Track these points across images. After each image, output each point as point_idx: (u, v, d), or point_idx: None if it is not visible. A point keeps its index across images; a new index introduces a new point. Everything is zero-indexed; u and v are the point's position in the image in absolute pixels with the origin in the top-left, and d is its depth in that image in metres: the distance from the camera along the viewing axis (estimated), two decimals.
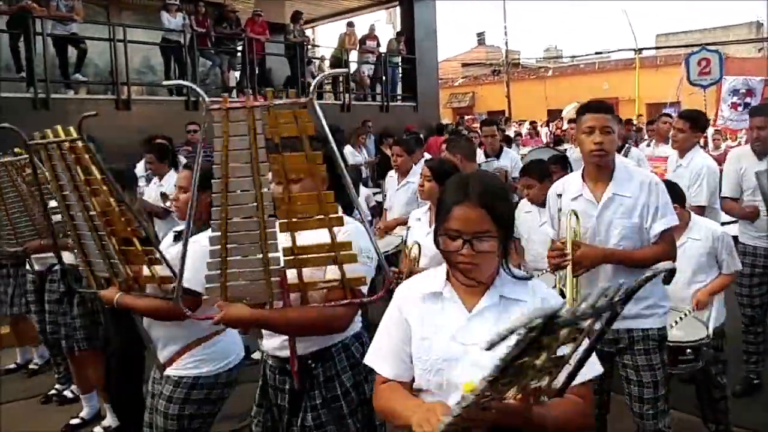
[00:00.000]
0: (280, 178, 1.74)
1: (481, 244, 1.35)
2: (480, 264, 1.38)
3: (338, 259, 1.75)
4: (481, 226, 1.35)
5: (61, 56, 8.88)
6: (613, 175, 2.41)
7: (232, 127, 1.66)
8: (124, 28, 9.55)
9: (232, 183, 1.73)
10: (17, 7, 8.15)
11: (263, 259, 1.78)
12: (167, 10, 9.83)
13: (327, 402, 1.94)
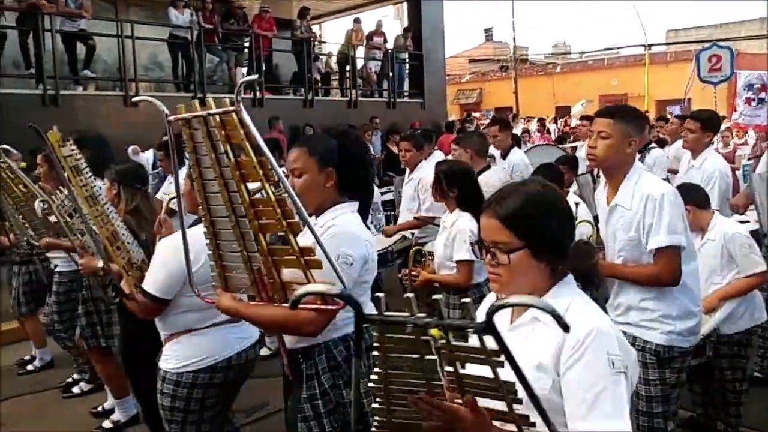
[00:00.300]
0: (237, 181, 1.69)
1: (500, 256, 1.30)
2: (502, 276, 1.33)
3: (305, 264, 1.69)
4: (497, 237, 1.31)
5: (70, 53, 8.95)
6: (621, 184, 2.33)
7: (194, 134, 1.69)
8: (132, 24, 9.61)
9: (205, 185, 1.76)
10: (27, 4, 8.15)
11: (242, 256, 1.80)
12: (175, 7, 9.88)
13: (308, 398, 1.96)
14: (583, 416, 1.13)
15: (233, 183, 1.67)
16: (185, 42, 9.93)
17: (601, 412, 1.11)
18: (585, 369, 1.15)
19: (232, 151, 1.64)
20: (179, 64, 10.20)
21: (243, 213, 1.71)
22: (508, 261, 1.28)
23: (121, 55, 9.30)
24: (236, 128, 1.57)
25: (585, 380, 1.15)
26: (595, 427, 1.10)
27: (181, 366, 2.33)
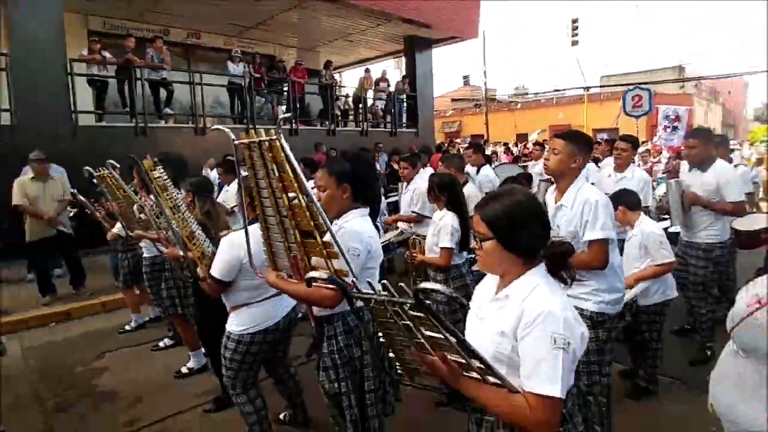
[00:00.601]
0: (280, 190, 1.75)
1: (484, 243, 1.33)
2: (481, 257, 1.36)
3: (327, 254, 1.74)
4: (478, 228, 1.33)
5: (155, 95, 9.08)
6: (566, 190, 2.31)
7: (252, 155, 1.75)
8: (200, 74, 9.71)
9: (260, 192, 1.83)
10: (123, 60, 8.33)
11: (283, 245, 1.88)
12: (232, 61, 10.02)
13: (328, 353, 1.99)
14: (528, 377, 1.17)
15: (278, 192, 1.75)
16: (240, 87, 10.02)
17: (540, 377, 1.14)
18: (533, 342, 1.17)
19: (276, 168, 1.69)
20: (235, 103, 10.30)
21: (284, 214, 1.78)
22: (480, 247, 1.32)
23: (192, 97, 9.40)
24: (279, 151, 1.66)
25: (531, 351, 1.17)
26: (534, 387, 1.14)
27: (242, 329, 2.39)
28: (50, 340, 4.53)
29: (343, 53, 15.00)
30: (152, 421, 2.96)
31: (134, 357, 4.04)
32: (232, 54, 10.22)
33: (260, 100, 10.76)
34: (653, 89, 14.03)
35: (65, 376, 3.72)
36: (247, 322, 2.40)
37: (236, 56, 10.09)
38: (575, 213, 2.23)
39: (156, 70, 8.85)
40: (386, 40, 13.77)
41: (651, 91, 10.76)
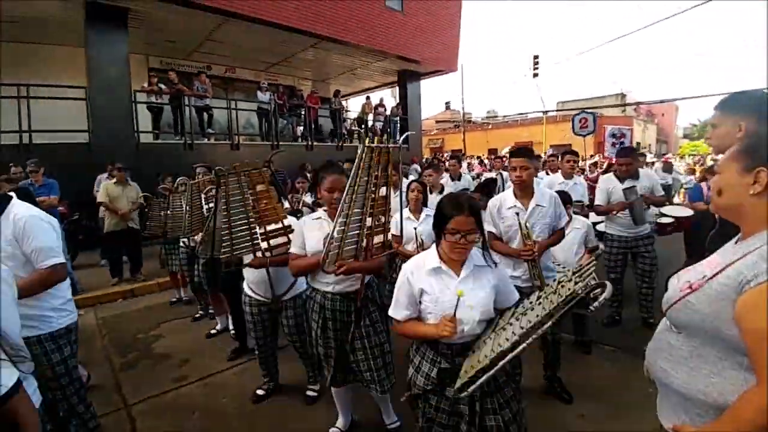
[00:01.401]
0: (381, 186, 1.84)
1: (471, 236, 1.39)
2: (468, 247, 1.42)
3: (384, 231, 1.90)
4: (471, 226, 1.39)
5: (200, 118, 9.05)
6: (533, 193, 2.35)
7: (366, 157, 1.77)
8: (235, 101, 9.69)
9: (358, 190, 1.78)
10: (175, 90, 8.35)
11: (361, 231, 1.83)
12: (261, 90, 9.97)
13: (375, 309, 2.04)
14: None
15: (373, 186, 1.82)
16: (267, 111, 9.97)
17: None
18: (506, 288, 1.54)
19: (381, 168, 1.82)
20: (263, 124, 10.22)
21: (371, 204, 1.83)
22: (476, 239, 1.43)
23: (228, 119, 9.39)
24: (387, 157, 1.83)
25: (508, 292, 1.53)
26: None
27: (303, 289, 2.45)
28: (118, 312, 4.58)
29: (349, 84, 14.91)
30: (197, 378, 3.00)
31: (181, 326, 4.08)
32: (260, 85, 10.17)
33: (282, 122, 10.72)
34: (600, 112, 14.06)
35: (129, 341, 3.76)
36: (302, 285, 2.46)
37: (264, 87, 10.05)
38: (548, 208, 2.35)
39: (200, 99, 8.84)
40: (383, 74, 13.70)
41: (595, 114, 10.71)
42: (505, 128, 28.93)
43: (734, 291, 0.84)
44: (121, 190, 5.19)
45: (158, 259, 4.93)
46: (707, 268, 0.95)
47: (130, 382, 3.00)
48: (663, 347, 1.02)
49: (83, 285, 5.00)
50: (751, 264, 0.83)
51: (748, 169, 0.90)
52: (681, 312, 0.96)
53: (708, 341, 0.92)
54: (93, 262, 5.96)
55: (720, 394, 0.88)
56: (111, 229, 5.16)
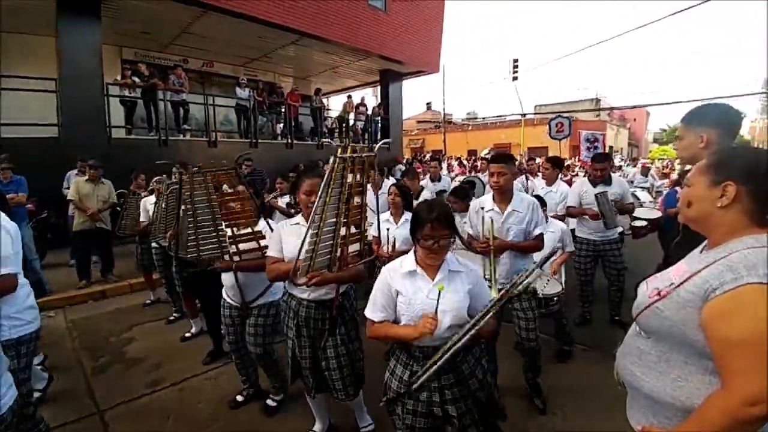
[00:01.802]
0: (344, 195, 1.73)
1: (444, 242, 1.44)
2: (442, 253, 1.48)
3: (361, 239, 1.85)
4: (444, 232, 1.43)
5: (175, 114, 8.77)
6: (512, 198, 2.39)
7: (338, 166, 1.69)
8: (213, 96, 9.45)
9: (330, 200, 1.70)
10: (150, 84, 8.05)
11: (334, 241, 1.75)
12: (239, 86, 9.75)
13: (349, 319, 2.02)
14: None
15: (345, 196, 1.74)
16: (245, 108, 9.76)
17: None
18: (484, 293, 1.56)
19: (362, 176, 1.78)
20: (241, 121, 10.00)
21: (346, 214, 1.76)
22: (449, 244, 1.48)
23: (206, 115, 9.14)
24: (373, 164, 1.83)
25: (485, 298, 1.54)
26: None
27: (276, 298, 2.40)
28: (88, 314, 4.40)
29: (330, 82, 14.78)
30: (172, 382, 2.92)
31: (155, 329, 3.97)
32: (239, 81, 9.93)
33: (262, 119, 10.51)
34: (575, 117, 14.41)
35: (101, 344, 3.63)
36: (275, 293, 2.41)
37: (243, 83, 9.83)
38: (525, 214, 2.36)
39: (176, 93, 8.56)
40: (365, 73, 13.65)
41: (570, 118, 10.94)
42: (484, 130, 29.35)
43: (700, 299, 0.89)
44: (92, 188, 4.99)
45: (132, 260, 4.78)
46: (674, 275, 1.00)
47: (103, 386, 2.90)
48: (633, 352, 1.06)
49: (52, 285, 4.80)
50: (717, 273, 0.88)
51: (715, 182, 0.95)
52: (650, 318, 1.00)
53: (675, 346, 0.96)
54: (63, 262, 5.70)
55: (687, 398, 0.92)
56: (79, 228, 4.95)
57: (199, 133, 9.49)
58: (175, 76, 8.56)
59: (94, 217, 4.93)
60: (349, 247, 1.82)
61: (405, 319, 1.49)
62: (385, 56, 11.79)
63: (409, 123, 30.30)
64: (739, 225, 0.93)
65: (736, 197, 0.92)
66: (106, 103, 7.38)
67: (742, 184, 0.92)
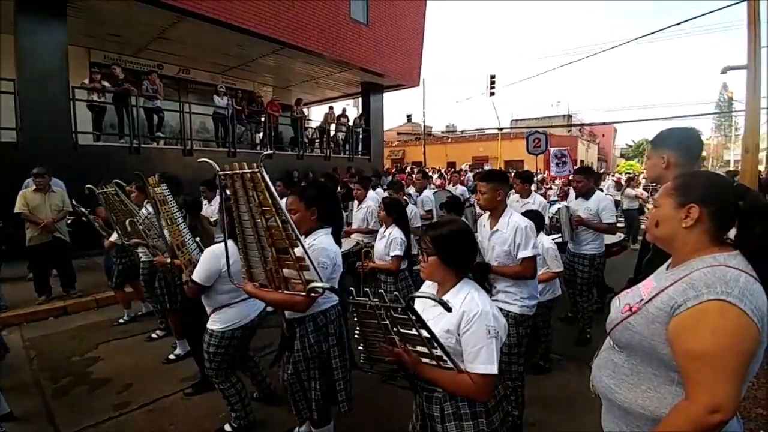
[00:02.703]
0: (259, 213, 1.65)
1: (428, 257, 1.40)
2: (425, 269, 1.43)
3: (299, 267, 1.66)
4: (426, 245, 1.41)
5: (149, 120, 8.57)
6: (500, 217, 2.35)
7: (235, 184, 1.67)
8: (189, 104, 9.32)
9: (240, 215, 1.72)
10: (121, 89, 7.84)
11: (260, 259, 1.76)
12: (218, 94, 9.66)
13: (300, 349, 1.92)
14: (471, 361, 1.27)
15: (256, 215, 1.66)
16: (223, 117, 9.66)
17: (481, 360, 1.25)
18: (473, 335, 1.26)
19: (256, 194, 1.61)
20: (219, 130, 9.88)
21: (262, 234, 1.69)
22: (427, 260, 1.40)
23: (181, 123, 8.99)
24: (259, 182, 1.58)
25: (472, 341, 1.26)
26: (477, 368, 1.25)
27: (224, 327, 2.30)
28: (48, 332, 4.18)
29: (311, 92, 14.84)
30: (141, 404, 2.81)
31: (126, 347, 3.80)
32: (217, 89, 9.83)
33: (240, 129, 10.42)
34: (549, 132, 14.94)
35: (62, 364, 3.45)
36: (229, 320, 2.31)
37: (221, 90, 9.74)
38: (509, 235, 2.26)
39: (150, 99, 8.38)
40: (347, 84, 13.78)
41: (546, 134, 11.38)
42: (463, 142, 30.00)
43: (667, 315, 0.97)
44: (42, 198, 4.70)
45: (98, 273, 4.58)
46: (644, 291, 1.08)
47: (64, 410, 2.75)
48: (607, 365, 1.13)
49: (7, 301, 4.54)
50: (681, 291, 0.96)
51: (681, 204, 1.04)
52: (622, 333, 1.06)
53: (645, 359, 1.04)
54: (20, 275, 5.41)
55: (656, 407, 1.00)
56: (34, 243, 4.66)
57: (173, 140, 9.28)
58: (148, 82, 8.39)
59: (48, 229, 4.67)
60: (281, 270, 1.73)
61: None
62: (367, 69, 11.97)
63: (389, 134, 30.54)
64: (701, 244, 1.02)
65: (699, 218, 1.02)
66: (71, 108, 7.10)
67: (704, 206, 1.01)
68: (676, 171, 1.45)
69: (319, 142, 13.01)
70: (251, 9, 8.67)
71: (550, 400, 2.79)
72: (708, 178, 1.07)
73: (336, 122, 12.89)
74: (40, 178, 4.72)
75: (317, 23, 10.20)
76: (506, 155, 24.00)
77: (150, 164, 7.36)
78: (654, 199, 1.16)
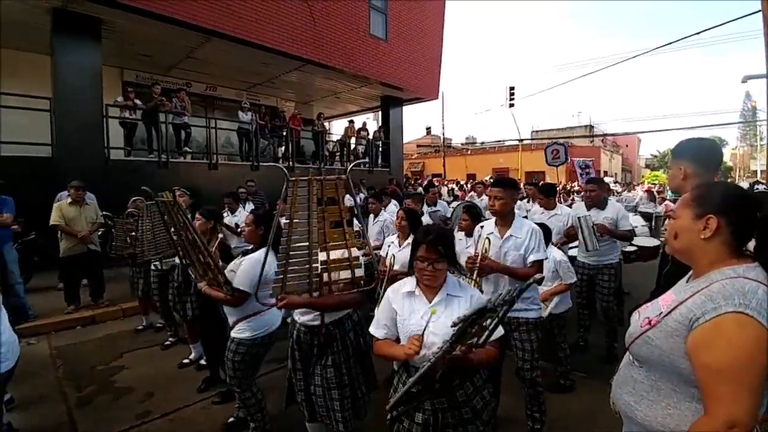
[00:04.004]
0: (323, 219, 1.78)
1: (439, 265, 1.50)
2: (436, 276, 1.52)
3: (351, 267, 1.81)
4: (436, 255, 1.49)
5: (177, 136, 8.93)
6: (512, 223, 2.39)
7: (299, 190, 1.76)
8: (215, 119, 9.66)
9: (295, 223, 1.77)
10: (151, 105, 8.22)
11: (309, 267, 1.80)
12: (242, 110, 9.98)
13: (342, 350, 1.98)
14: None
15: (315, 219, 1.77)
16: (247, 131, 9.95)
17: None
18: None
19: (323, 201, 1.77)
20: (243, 144, 10.18)
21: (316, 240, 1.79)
22: (442, 268, 1.52)
23: (208, 138, 9.33)
24: (333, 188, 1.79)
25: None
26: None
27: (254, 335, 2.32)
28: (76, 341, 4.33)
29: (332, 107, 15.15)
30: (162, 413, 2.86)
31: (148, 356, 3.90)
32: (242, 105, 10.19)
33: (264, 143, 10.71)
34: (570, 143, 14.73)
35: (87, 373, 3.55)
36: (259, 327, 2.34)
37: (245, 106, 10.06)
38: (524, 239, 2.33)
39: (178, 116, 8.75)
40: (367, 98, 14.01)
41: (566, 145, 11.16)
42: (483, 154, 29.84)
43: (686, 328, 0.94)
44: (78, 210, 4.92)
45: (125, 283, 4.73)
46: (663, 305, 1.05)
47: (87, 419, 2.83)
48: (627, 381, 1.10)
49: (37, 310, 4.72)
50: (699, 303, 0.93)
51: (699, 215, 1.02)
52: (641, 347, 1.04)
53: (665, 375, 1.00)
54: (51, 285, 5.66)
55: (677, 425, 0.96)
56: (68, 254, 4.85)
57: (200, 155, 9.62)
58: (177, 99, 8.78)
59: (85, 240, 4.88)
60: (336, 274, 1.82)
61: (403, 338, 1.55)
62: (386, 83, 12.17)
63: (409, 147, 30.71)
64: (720, 256, 0.99)
65: (718, 230, 0.99)
66: (104, 124, 7.50)
67: (722, 217, 0.98)
68: (694, 181, 1.43)
69: (339, 155, 13.20)
70: (275, 28, 9.00)
71: (574, 419, 2.68)
72: (726, 189, 1.04)
73: (356, 135, 13.08)
74: (78, 190, 4.97)
75: (338, 40, 10.47)
76: (527, 167, 23.68)
77: (177, 178, 7.62)
78: (673, 211, 1.13)
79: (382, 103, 14.00)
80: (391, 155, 13.84)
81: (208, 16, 7.85)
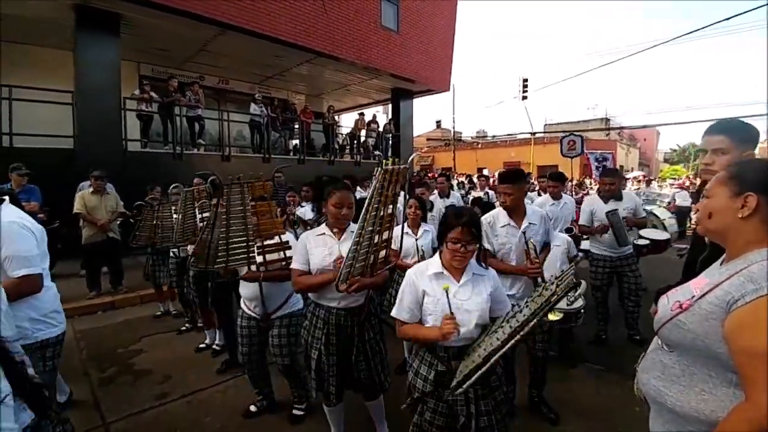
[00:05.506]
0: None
1: (471, 246, 1.54)
2: (467, 257, 1.56)
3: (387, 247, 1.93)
4: (470, 237, 1.53)
5: (191, 128, 9.01)
6: (526, 213, 2.43)
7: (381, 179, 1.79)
8: (228, 112, 9.72)
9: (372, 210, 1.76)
10: (169, 100, 8.32)
11: (369, 249, 1.81)
12: (254, 102, 10.02)
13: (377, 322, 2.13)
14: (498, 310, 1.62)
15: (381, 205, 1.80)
16: (259, 124, 9.99)
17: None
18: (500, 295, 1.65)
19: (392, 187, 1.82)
20: (255, 137, 10.23)
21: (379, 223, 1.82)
22: (474, 249, 1.58)
23: (220, 130, 9.39)
24: (403, 176, 1.89)
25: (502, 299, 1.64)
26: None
27: (301, 306, 2.50)
28: (97, 325, 4.44)
29: (342, 100, 15.11)
30: (179, 395, 2.92)
31: (166, 340, 3.98)
32: (254, 97, 10.22)
33: (275, 135, 10.74)
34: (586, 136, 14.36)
35: (109, 355, 3.65)
36: (298, 302, 2.51)
37: (257, 99, 10.10)
38: (539, 226, 2.46)
39: (192, 109, 8.82)
40: (377, 91, 13.93)
41: (582, 137, 10.97)
42: (494, 148, 29.42)
43: (723, 311, 0.89)
44: (99, 199, 5.03)
45: (142, 271, 4.81)
46: (695, 288, 1.00)
47: (110, 398, 2.90)
48: (655, 366, 1.06)
49: (61, 295, 4.81)
50: (738, 284, 0.88)
51: (737, 193, 0.97)
52: (672, 331, 1.00)
53: (699, 359, 0.96)
54: (73, 272, 5.80)
55: (712, 411, 0.92)
56: (90, 241, 4.98)
57: (213, 147, 9.71)
58: (191, 93, 8.84)
59: (104, 228, 5.00)
60: (378, 254, 1.89)
61: (432, 320, 1.56)
62: (397, 75, 12.06)
63: (419, 140, 30.46)
64: (758, 236, 0.94)
65: (757, 208, 0.94)
66: (122, 117, 7.63)
67: (762, 195, 0.93)
68: (730, 158, 1.34)
69: (349, 148, 13.17)
70: (287, 20, 8.98)
71: (586, 409, 2.64)
72: (766, 165, 0.99)
73: (366, 128, 13.03)
74: (100, 180, 5.09)
75: (349, 31, 10.39)
76: (539, 160, 23.33)
77: (192, 169, 7.69)
78: (706, 190, 1.08)
79: (393, 96, 13.91)
80: (401, 148, 13.72)
81: (224, 10, 7.86)
